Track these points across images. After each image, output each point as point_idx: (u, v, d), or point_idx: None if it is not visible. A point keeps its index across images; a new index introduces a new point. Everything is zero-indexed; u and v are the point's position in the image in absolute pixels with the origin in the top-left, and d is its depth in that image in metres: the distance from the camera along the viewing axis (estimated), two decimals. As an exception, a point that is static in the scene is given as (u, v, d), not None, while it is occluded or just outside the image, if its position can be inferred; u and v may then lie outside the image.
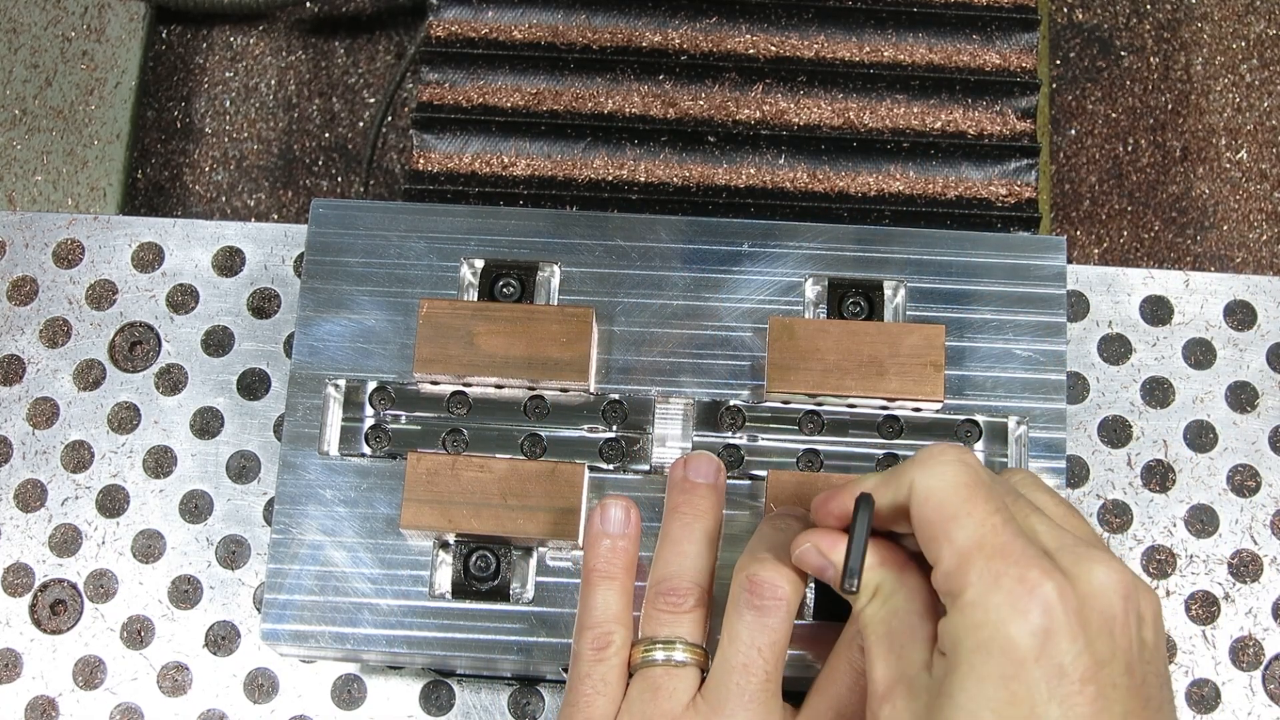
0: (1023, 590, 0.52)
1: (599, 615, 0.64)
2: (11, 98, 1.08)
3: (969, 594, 0.53)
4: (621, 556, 0.65)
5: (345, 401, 0.72)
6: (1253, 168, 1.21)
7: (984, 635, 0.52)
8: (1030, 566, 0.53)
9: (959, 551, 0.54)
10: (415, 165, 0.82)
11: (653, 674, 0.62)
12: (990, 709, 0.51)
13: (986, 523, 0.54)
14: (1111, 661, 0.53)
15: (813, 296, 0.72)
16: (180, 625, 0.76)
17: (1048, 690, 0.51)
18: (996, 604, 0.52)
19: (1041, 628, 0.52)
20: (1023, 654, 0.52)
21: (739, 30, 0.84)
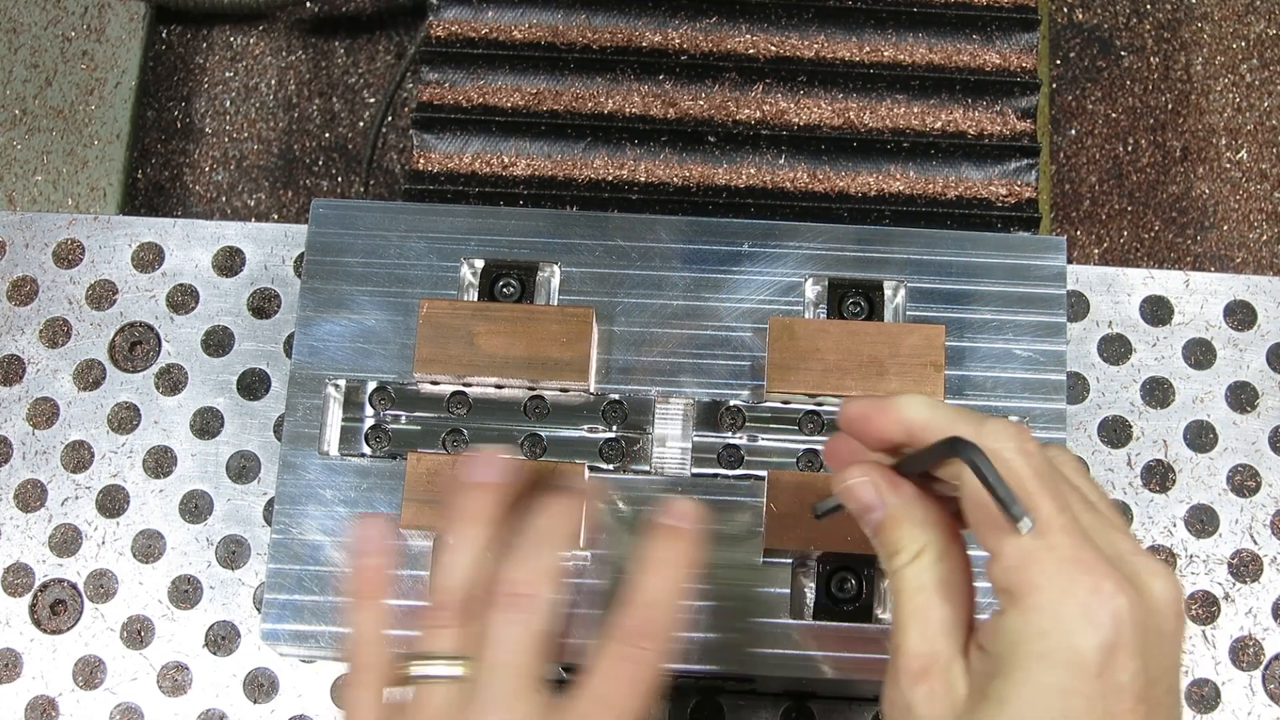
0: (1096, 599, 0.50)
1: (360, 637, 0.64)
2: (11, 98, 1.08)
3: (1037, 598, 0.50)
4: (376, 576, 0.64)
5: (345, 401, 0.72)
6: (1253, 168, 1.21)
7: (1049, 644, 0.50)
8: (1105, 577, 0.50)
9: (1024, 549, 0.51)
10: (415, 165, 0.82)
11: (425, 689, 0.62)
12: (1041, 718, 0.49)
13: (1055, 522, 0.51)
14: (1161, 680, 0.51)
15: (813, 296, 0.72)
16: (180, 625, 0.75)
17: (1104, 707, 0.50)
18: (1068, 614, 0.50)
19: (1110, 643, 0.50)
20: (1087, 668, 0.49)
21: (739, 30, 0.84)
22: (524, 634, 0.60)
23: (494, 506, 0.63)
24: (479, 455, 0.63)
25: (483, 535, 0.63)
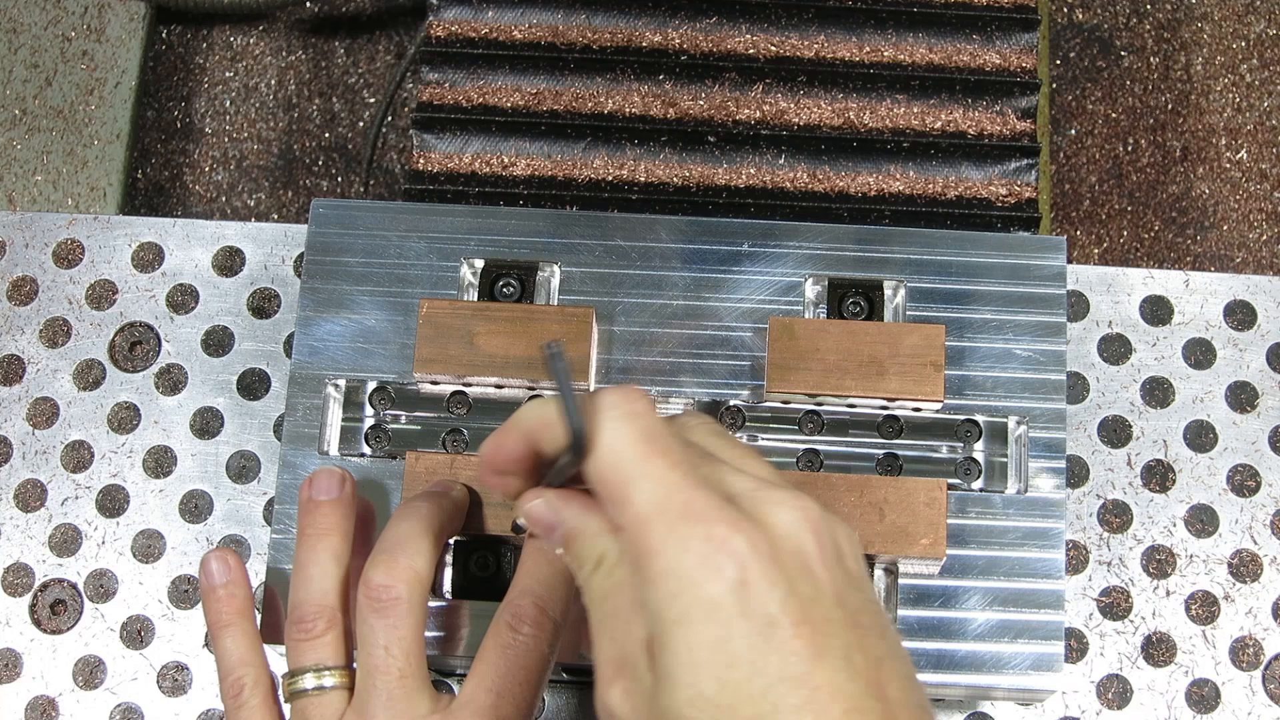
0: (711, 548, 0.50)
1: (227, 663, 0.66)
2: (11, 98, 1.08)
3: (658, 563, 0.50)
4: (230, 603, 0.67)
5: (345, 401, 0.72)
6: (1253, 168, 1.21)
7: (684, 604, 0.49)
8: (716, 522, 0.50)
9: (640, 517, 0.51)
10: (415, 165, 0.82)
11: (300, 704, 0.63)
12: (710, 678, 0.49)
13: (666, 480, 0.51)
14: (818, 598, 0.50)
15: (813, 296, 0.72)
16: (180, 625, 0.75)
17: (764, 642, 0.49)
18: (688, 567, 0.50)
19: (738, 581, 0.49)
20: (727, 613, 0.49)
21: (739, 30, 0.84)
22: (391, 634, 0.61)
23: (339, 520, 0.65)
24: (320, 474, 0.66)
25: (331, 547, 0.65)
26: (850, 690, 0.49)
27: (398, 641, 0.61)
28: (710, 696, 0.49)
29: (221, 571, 0.67)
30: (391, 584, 0.61)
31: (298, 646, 0.64)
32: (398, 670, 0.61)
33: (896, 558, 0.67)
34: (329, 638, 0.63)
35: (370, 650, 0.61)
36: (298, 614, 0.64)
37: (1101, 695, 0.74)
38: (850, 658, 0.50)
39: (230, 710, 0.65)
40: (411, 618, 0.61)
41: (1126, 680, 0.74)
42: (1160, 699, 0.74)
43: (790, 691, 0.48)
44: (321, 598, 0.64)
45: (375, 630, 0.61)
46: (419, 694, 0.61)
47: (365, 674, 0.61)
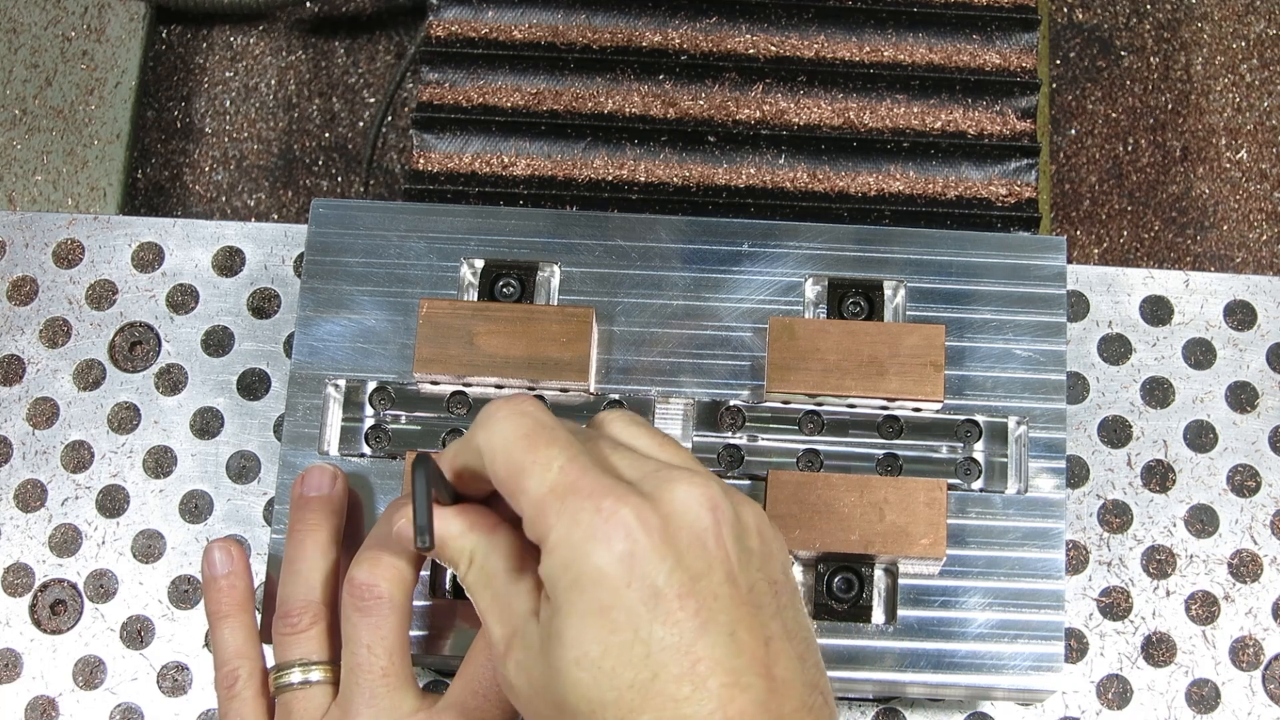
0: (599, 520, 0.52)
1: (223, 654, 0.66)
2: (11, 98, 1.08)
3: (552, 536, 0.53)
4: (230, 594, 0.67)
5: (345, 401, 0.72)
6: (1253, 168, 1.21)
7: (574, 572, 0.52)
8: (604, 496, 0.53)
9: (535, 501, 0.54)
10: (415, 165, 0.82)
11: (286, 698, 0.64)
12: (595, 641, 0.52)
13: (553, 466, 0.54)
14: (708, 574, 0.53)
15: (813, 296, 0.72)
16: (180, 625, 0.75)
17: (647, 612, 0.51)
18: (578, 539, 0.52)
19: (625, 552, 0.52)
20: (613, 581, 0.52)
21: (739, 30, 0.84)
22: (375, 633, 0.61)
23: (328, 516, 0.66)
24: (311, 471, 0.67)
25: (319, 542, 0.65)
26: (731, 665, 0.51)
27: (381, 640, 0.61)
28: (595, 658, 0.51)
29: (224, 562, 0.67)
30: (375, 582, 0.61)
31: (283, 640, 0.64)
32: (380, 669, 0.61)
33: (896, 558, 0.67)
34: (314, 632, 0.64)
35: (354, 648, 0.61)
36: (284, 608, 0.64)
37: (1101, 695, 0.74)
38: (735, 633, 0.52)
39: (223, 700, 0.65)
40: (395, 616, 0.61)
41: (1126, 680, 0.74)
42: (1160, 699, 0.74)
43: (671, 660, 0.51)
44: (308, 592, 0.65)
45: (359, 628, 0.61)
46: (402, 693, 0.61)
47: (349, 671, 0.61)
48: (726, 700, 0.51)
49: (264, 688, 0.65)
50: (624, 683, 0.51)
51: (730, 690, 0.51)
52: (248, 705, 0.65)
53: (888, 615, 0.68)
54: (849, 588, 0.69)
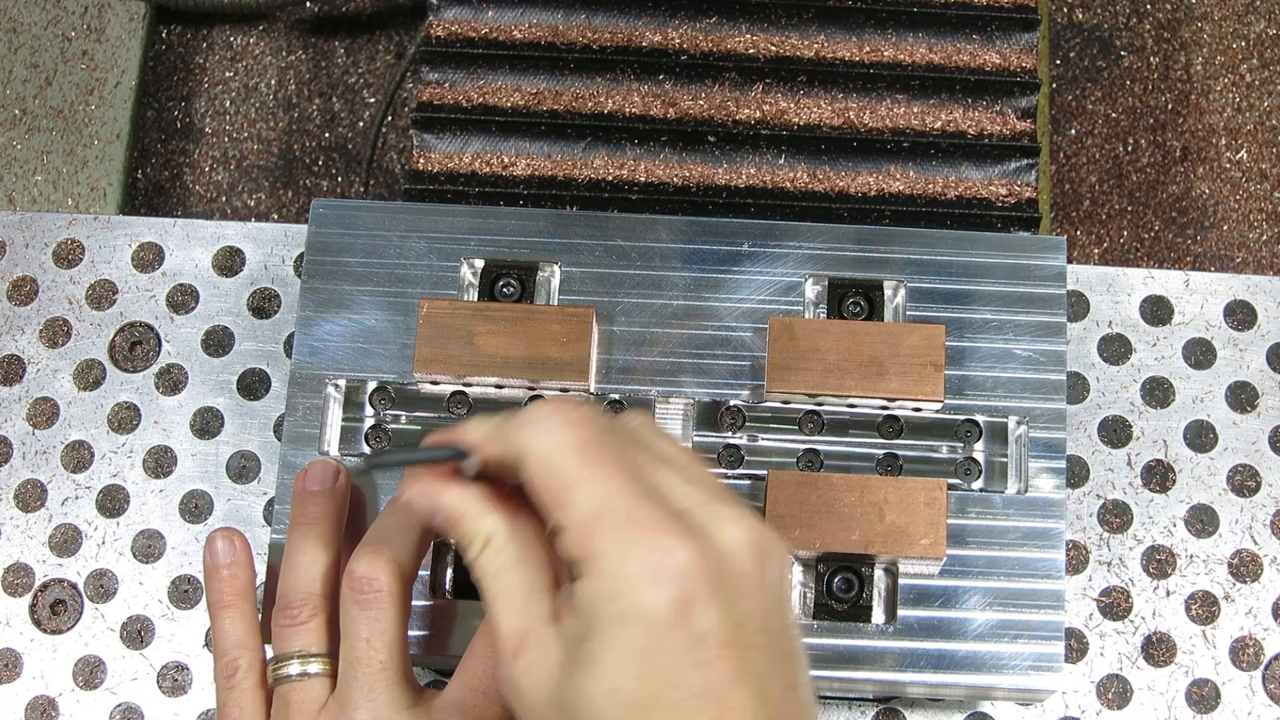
0: (657, 558, 0.51)
1: (223, 644, 0.65)
2: (11, 98, 1.08)
3: (601, 564, 0.51)
4: (232, 584, 0.66)
5: (345, 401, 0.72)
6: (1253, 168, 1.21)
7: (621, 606, 0.51)
8: (663, 532, 0.51)
9: (583, 518, 0.52)
10: (415, 165, 0.82)
11: (284, 690, 0.63)
12: (632, 678, 0.50)
13: (609, 485, 0.52)
14: (749, 622, 0.52)
15: (813, 296, 0.72)
16: (180, 625, 0.75)
17: (689, 658, 0.50)
18: (631, 574, 0.51)
19: (679, 596, 0.50)
20: (661, 623, 0.50)
21: (739, 30, 0.84)
22: (374, 627, 0.61)
23: (329, 510, 0.66)
24: (314, 465, 0.67)
25: (320, 535, 0.65)
26: (757, 715, 0.50)
27: (379, 634, 0.61)
28: (628, 694, 0.50)
29: (226, 551, 0.67)
30: (375, 576, 0.61)
31: (283, 632, 0.64)
32: (379, 663, 0.61)
33: (896, 558, 0.67)
34: (313, 624, 0.64)
35: (353, 642, 0.61)
36: (284, 600, 0.64)
37: (1101, 695, 0.74)
38: (765, 685, 0.51)
39: (222, 690, 0.65)
40: (394, 610, 0.61)
41: (1126, 680, 0.74)
42: (1160, 699, 0.74)
43: (704, 707, 0.50)
44: (308, 585, 0.64)
45: (358, 622, 0.61)
46: (400, 687, 0.61)
47: (347, 665, 0.61)
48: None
49: (263, 679, 0.65)
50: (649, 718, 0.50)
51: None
52: (246, 696, 0.64)
53: (888, 615, 0.68)
54: (849, 588, 0.69)
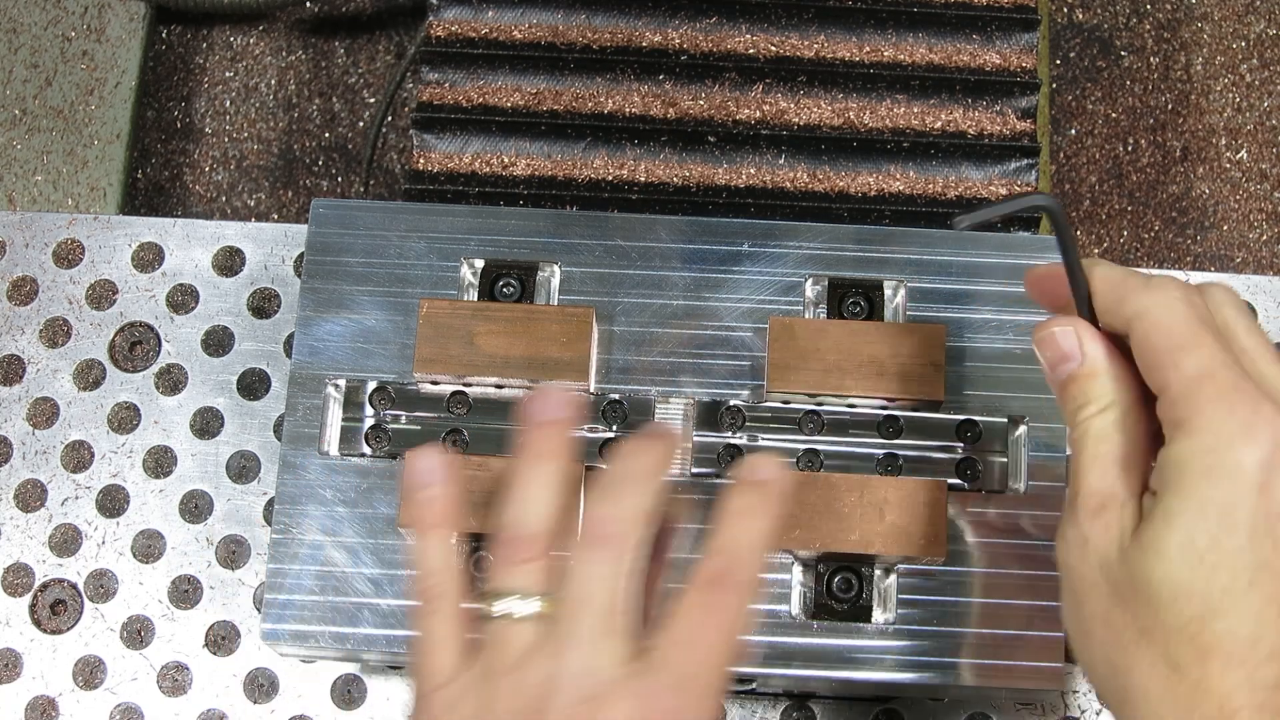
0: (1257, 419, 0.52)
1: (427, 566, 0.62)
2: (11, 98, 1.08)
3: (1200, 420, 0.53)
4: (436, 506, 0.63)
5: (345, 401, 0.72)
6: (1253, 168, 1.21)
7: (1213, 460, 0.52)
8: (1264, 402, 0.53)
9: (1189, 379, 0.54)
10: (415, 165, 0.82)
11: (499, 626, 0.60)
12: (1206, 532, 0.52)
13: (1216, 357, 0.54)
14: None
15: (813, 296, 0.72)
16: (180, 625, 0.75)
17: (1266, 525, 0.52)
18: (1230, 430, 0.52)
19: (1269, 458, 0.52)
20: (1248, 481, 0.52)
21: (739, 30, 0.84)
22: (611, 574, 0.58)
23: (565, 445, 0.62)
24: (548, 393, 0.63)
25: (557, 471, 0.61)
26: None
27: (612, 578, 0.58)
28: (1200, 549, 0.52)
29: (430, 473, 0.63)
30: (619, 520, 0.59)
31: (507, 569, 0.60)
32: (607, 607, 0.58)
33: (896, 558, 0.67)
34: (539, 564, 0.60)
35: (582, 583, 0.58)
36: (511, 534, 0.61)
37: (1101, 695, 0.74)
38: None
39: (422, 614, 0.61)
40: (631, 558, 0.58)
41: (1126, 680, 0.74)
42: (1160, 699, 0.73)
43: (1271, 581, 0.51)
44: (538, 522, 0.61)
45: (593, 563, 0.58)
46: (621, 638, 0.58)
47: (572, 607, 0.58)
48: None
49: (462, 604, 0.61)
50: (1218, 585, 0.51)
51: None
52: (448, 622, 0.61)
53: (888, 615, 0.68)
54: (849, 588, 0.69)
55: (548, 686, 0.57)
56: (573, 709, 0.56)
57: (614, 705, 0.56)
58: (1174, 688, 0.52)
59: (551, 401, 0.62)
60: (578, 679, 0.57)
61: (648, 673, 0.57)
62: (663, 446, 0.61)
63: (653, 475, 0.60)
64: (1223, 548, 0.52)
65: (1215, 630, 0.52)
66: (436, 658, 0.60)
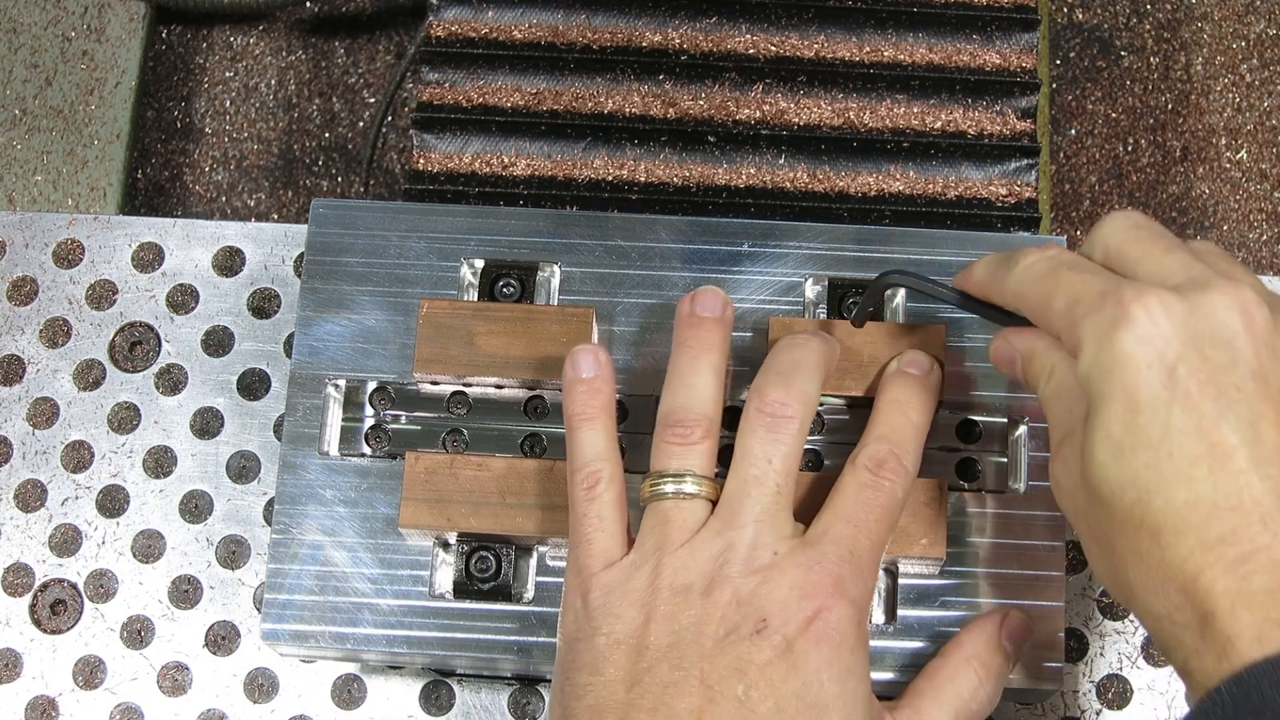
0: (1121, 309, 0.55)
1: (584, 455, 0.64)
2: (11, 98, 1.08)
3: (1083, 337, 0.57)
4: (596, 397, 0.65)
5: (345, 401, 0.72)
6: (1253, 168, 1.21)
7: (1103, 362, 0.55)
8: (1125, 288, 0.56)
9: (1063, 314, 0.58)
10: (415, 165, 0.82)
11: (662, 507, 0.62)
12: (1118, 420, 0.55)
13: (1078, 286, 0.58)
14: (1231, 368, 0.54)
15: (813, 296, 0.72)
16: (180, 625, 0.76)
17: (1166, 393, 0.54)
18: (1104, 328, 0.56)
19: (1146, 335, 0.55)
20: (1135, 362, 0.55)
21: (739, 30, 0.84)
22: (780, 452, 0.62)
23: (720, 339, 0.66)
24: (706, 291, 0.66)
25: (713, 363, 0.65)
26: (1253, 453, 0.53)
27: (781, 458, 0.62)
28: (1117, 438, 0.55)
29: (590, 365, 0.65)
30: (788, 401, 0.62)
31: (670, 449, 0.63)
32: (775, 485, 0.61)
33: (896, 558, 0.67)
34: (704, 446, 0.63)
35: (752, 461, 0.62)
36: (676, 417, 0.63)
37: (1101, 695, 0.74)
38: (1257, 425, 0.54)
39: (581, 502, 0.63)
40: (798, 440, 0.62)
41: (1126, 680, 0.74)
42: (1160, 699, 0.74)
43: (1188, 443, 0.54)
44: (702, 406, 0.64)
45: (762, 443, 0.62)
46: (787, 514, 0.62)
47: (743, 483, 0.62)
48: (1244, 485, 0.53)
49: (623, 493, 0.64)
50: (1141, 463, 0.54)
51: (1248, 476, 0.53)
52: (608, 508, 0.63)
53: (888, 615, 0.68)
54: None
55: (720, 560, 0.60)
56: (743, 580, 0.60)
57: (782, 575, 0.60)
58: (1148, 573, 0.55)
59: (710, 299, 0.66)
60: (748, 552, 0.60)
61: (812, 546, 0.61)
62: (824, 341, 0.66)
63: (818, 364, 0.64)
64: (1136, 429, 0.54)
65: (1154, 507, 0.54)
66: (600, 542, 0.63)
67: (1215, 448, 0.53)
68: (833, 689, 0.59)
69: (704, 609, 0.60)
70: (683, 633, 0.60)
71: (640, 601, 0.61)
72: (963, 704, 0.64)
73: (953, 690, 0.64)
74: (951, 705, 0.64)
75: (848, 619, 0.60)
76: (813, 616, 0.59)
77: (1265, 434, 0.54)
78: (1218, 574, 0.53)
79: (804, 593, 0.60)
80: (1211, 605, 0.53)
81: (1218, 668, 0.53)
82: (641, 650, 0.60)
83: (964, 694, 0.64)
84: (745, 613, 0.59)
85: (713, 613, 0.60)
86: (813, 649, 0.59)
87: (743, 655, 0.59)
